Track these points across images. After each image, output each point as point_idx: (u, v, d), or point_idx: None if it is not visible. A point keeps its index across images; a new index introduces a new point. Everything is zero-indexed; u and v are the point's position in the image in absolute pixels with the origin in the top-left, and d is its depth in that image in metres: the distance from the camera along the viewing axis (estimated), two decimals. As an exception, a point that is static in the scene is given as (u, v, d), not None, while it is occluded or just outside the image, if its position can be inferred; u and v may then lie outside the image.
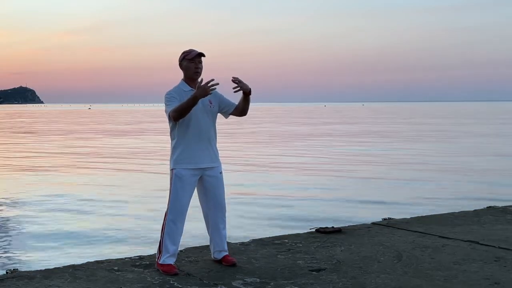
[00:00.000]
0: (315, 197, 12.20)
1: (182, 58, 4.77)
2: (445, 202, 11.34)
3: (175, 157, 4.71)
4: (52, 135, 36.57)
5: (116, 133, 38.64)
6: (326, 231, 6.10)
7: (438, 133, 35.41)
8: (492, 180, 14.79)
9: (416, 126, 45.55)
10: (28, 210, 10.95)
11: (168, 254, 4.66)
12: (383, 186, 13.82)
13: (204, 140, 4.73)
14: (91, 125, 53.10)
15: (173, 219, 4.67)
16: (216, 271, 4.66)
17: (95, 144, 28.54)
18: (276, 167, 17.87)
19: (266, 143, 28.67)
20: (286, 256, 5.16)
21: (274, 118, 72.12)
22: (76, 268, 4.76)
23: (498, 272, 4.64)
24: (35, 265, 6.86)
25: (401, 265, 4.84)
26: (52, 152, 23.84)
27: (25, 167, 18.41)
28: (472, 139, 30.02)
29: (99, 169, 17.63)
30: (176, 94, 4.68)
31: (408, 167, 17.64)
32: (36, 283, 4.34)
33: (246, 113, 4.88)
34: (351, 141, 29.52)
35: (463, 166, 17.80)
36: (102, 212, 10.62)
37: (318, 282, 4.38)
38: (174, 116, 4.56)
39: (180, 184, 4.66)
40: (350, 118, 71.66)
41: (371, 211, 10.33)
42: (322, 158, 20.84)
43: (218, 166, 4.83)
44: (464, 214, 7.20)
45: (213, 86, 4.49)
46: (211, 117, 4.79)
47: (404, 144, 26.95)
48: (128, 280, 4.42)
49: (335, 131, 39.10)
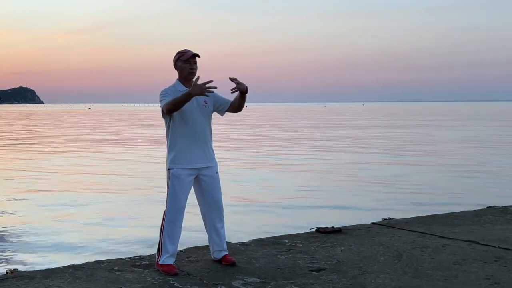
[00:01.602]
0: (315, 197, 12.19)
1: (177, 58, 4.79)
2: (445, 202, 11.33)
3: (171, 157, 4.72)
4: (43, 138, 36.57)
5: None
6: (326, 231, 6.11)
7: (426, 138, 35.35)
8: (492, 180, 14.79)
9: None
10: (28, 210, 10.94)
11: (167, 254, 4.66)
12: (383, 185, 13.81)
13: (200, 140, 4.74)
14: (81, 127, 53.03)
15: (171, 219, 4.68)
16: (216, 271, 4.66)
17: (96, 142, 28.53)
18: (276, 167, 17.87)
19: (266, 142, 28.68)
20: (286, 256, 5.16)
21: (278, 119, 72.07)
22: (76, 268, 4.76)
23: (498, 272, 4.64)
24: (35, 265, 6.86)
25: (401, 265, 4.85)
26: (47, 152, 23.86)
27: (25, 166, 18.42)
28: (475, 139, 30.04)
29: (99, 170, 17.63)
30: (171, 92, 4.69)
31: (409, 167, 17.64)
32: (36, 283, 4.34)
33: (241, 110, 4.94)
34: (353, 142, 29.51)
35: (462, 166, 17.79)
36: (102, 212, 10.61)
37: (318, 282, 4.38)
38: (168, 108, 4.56)
39: (177, 184, 4.67)
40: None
41: (371, 211, 10.32)
42: (322, 158, 20.83)
43: (214, 165, 4.85)
44: (464, 214, 7.20)
45: (210, 89, 4.49)
46: (206, 117, 4.81)
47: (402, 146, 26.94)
48: (128, 280, 4.42)
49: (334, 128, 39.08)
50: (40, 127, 49.19)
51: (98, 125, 54.04)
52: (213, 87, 4.51)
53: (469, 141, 28.42)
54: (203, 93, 4.48)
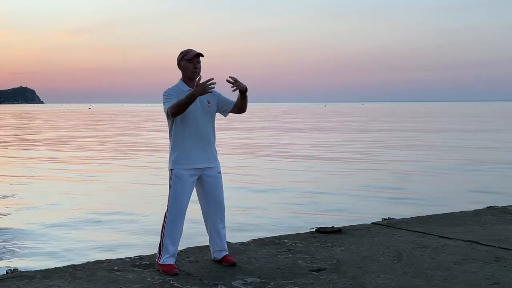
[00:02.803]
0: (315, 197, 12.20)
1: (180, 58, 4.77)
2: (445, 202, 11.33)
3: (174, 157, 4.71)
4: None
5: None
6: (326, 231, 6.10)
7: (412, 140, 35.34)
8: (492, 180, 14.79)
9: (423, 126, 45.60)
10: (27, 210, 10.94)
11: (168, 254, 4.66)
12: (384, 185, 13.81)
13: (203, 140, 4.73)
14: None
15: (173, 219, 4.67)
16: (216, 271, 4.66)
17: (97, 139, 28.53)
18: (275, 167, 17.87)
19: (266, 141, 28.68)
20: (286, 256, 5.16)
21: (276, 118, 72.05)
22: (76, 268, 4.76)
23: (498, 272, 4.64)
24: (35, 265, 6.86)
25: (401, 265, 4.85)
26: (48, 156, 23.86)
27: (25, 166, 18.42)
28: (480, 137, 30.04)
29: (98, 168, 17.63)
30: (175, 93, 4.68)
31: (408, 167, 17.64)
32: (36, 283, 4.34)
33: (245, 110, 4.90)
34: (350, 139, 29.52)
35: (460, 166, 17.79)
36: (102, 212, 10.61)
37: (318, 282, 4.38)
38: (172, 112, 4.55)
39: (179, 185, 4.66)
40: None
41: (371, 211, 10.32)
42: (324, 157, 20.84)
43: (217, 166, 4.83)
44: (464, 214, 7.20)
45: (212, 85, 4.49)
46: (209, 117, 4.79)
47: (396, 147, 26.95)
48: (128, 280, 4.42)
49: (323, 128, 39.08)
50: (44, 128, 49.22)
51: (108, 127, 54.02)
52: (214, 82, 4.49)
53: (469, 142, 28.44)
54: (206, 91, 4.47)
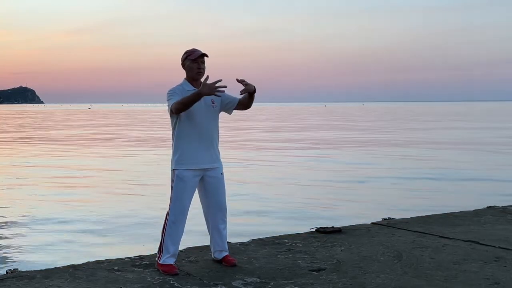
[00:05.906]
0: (315, 197, 12.20)
1: (185, 57, 4.76)
2: (445, 202, 11.32)
3: (177, 157, 4.70)
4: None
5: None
6: (326, 231, 6.10)
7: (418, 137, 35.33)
8: (492, 180, 14.79)
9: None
10: (27, 210, 10.94)
11: (168, 254, 4.66)
12: (383, 185, 13.81)
13: (206, 141, 4.71)
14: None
15: (174, 220, 4.66)
16: (216, 271, 4.66)
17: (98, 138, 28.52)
18: (276, 166, 17.86)
19: (266, 141, 28.68)
20: (286, 256, 5.16)
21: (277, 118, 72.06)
22: (76, 268, 4.76)
23: (498, 272, 4.64)
24: (35, 265, 6.85)
25: (401, 265, 4.85)
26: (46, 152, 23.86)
27: (25, 166, 18.42)
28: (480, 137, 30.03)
29: (97, 168, 17.63)
30: (179, 91, 4.66)
31: (406, 167, 17.64)
32: (36, 283, 4.34)
33: (250, 107, 4.89)
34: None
35: (459, 166, 17.79)
36: (102, 212, 10.61)
37: (318, 282, 4.38)
38: (177, 108, 4.53)
39: (181, 185, 4.65)
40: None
41: (371, 211, 10.32)
42: (324, 157, 20.84)
43: (219, 166, 4.82)
44: (464, 214, 7.20)
45: (220, 89, 4.47)
46: (213, 117, 4.78)
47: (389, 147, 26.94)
48: (128, 280, 4.42)
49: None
50: (46, 127, 49.23)
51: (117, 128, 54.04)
52: (223, 86, 4.48)
53: (469, 142, 28.43)
54: (213, 93, 4.45)
